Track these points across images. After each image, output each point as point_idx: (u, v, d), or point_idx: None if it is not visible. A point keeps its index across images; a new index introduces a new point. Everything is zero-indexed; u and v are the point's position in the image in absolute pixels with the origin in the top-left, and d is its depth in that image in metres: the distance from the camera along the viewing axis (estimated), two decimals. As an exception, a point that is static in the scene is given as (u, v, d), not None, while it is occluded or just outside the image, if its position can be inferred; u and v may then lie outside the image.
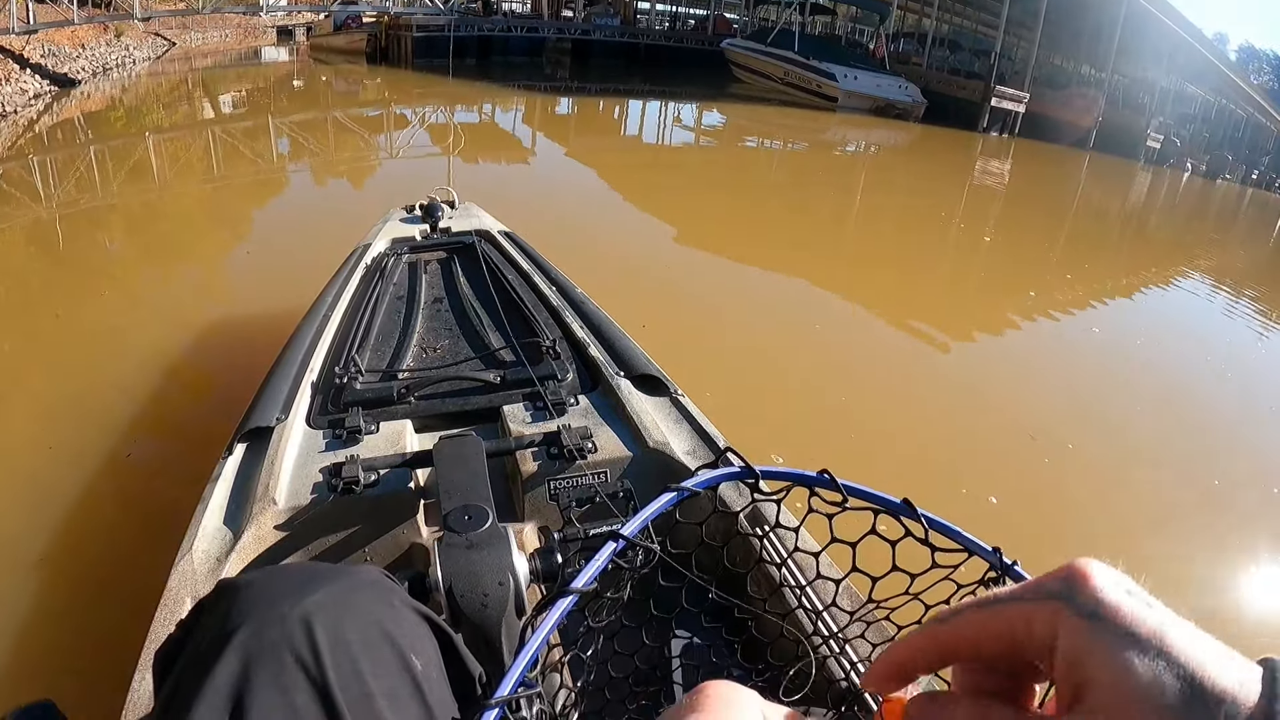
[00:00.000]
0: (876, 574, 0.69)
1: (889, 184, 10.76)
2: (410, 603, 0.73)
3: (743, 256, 5.71)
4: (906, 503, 0.63)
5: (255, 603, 0.66)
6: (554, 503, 1.43)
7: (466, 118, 13.26)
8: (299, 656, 0.62)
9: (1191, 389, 4.35)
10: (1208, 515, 2.95)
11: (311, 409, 1.61)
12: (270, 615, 0.65)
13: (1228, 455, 3.50)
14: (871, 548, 0.67)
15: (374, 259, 2.42)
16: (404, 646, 0.67)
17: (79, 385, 3.04)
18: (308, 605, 0.65)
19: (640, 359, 1.78)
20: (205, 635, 0.66)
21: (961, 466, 2.99)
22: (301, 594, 0.67)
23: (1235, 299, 6.89)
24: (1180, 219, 12.36)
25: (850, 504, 0.65)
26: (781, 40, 19.84)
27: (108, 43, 16.71)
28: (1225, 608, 2.49)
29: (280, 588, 0.68)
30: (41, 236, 5.30)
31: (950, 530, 0.63)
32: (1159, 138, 18.70)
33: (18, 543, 2.17)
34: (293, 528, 1.30)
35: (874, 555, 0.67)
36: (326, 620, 0.65)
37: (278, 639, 0.63)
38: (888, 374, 3.88)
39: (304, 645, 0.63)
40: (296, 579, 0.70)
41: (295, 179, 7.97)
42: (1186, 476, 3.25)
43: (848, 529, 0.67)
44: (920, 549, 0.64)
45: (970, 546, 0.63)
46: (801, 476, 0.66)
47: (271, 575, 0.73)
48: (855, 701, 0.88)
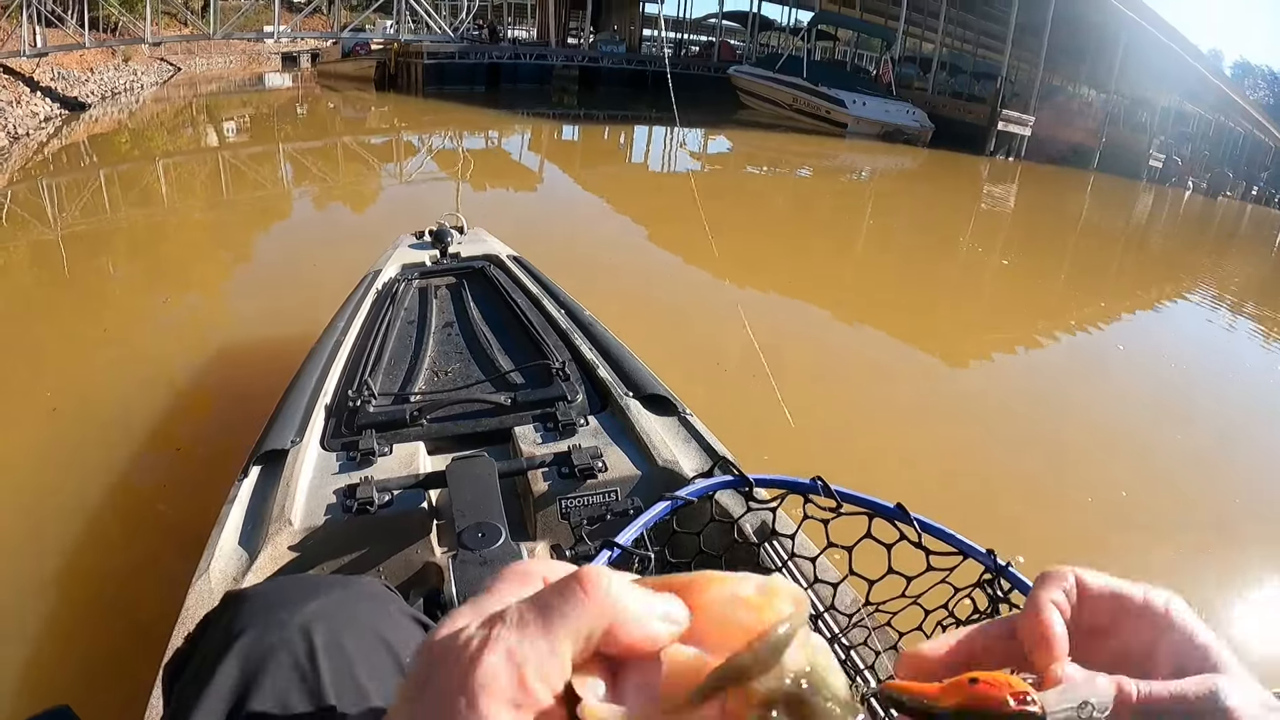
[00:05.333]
0: (873, 577, 0.70)
1: (902, 209, 10.80)
2: (409, 611, 0.76)
3: (752, 280, 5.73)
4: (899, 507, 0.65)
5: (257, 611, 0.69)
6: (565, 521, 1.45)
7: (475, 144, 13.38)
8: (296, 661, 0.65)
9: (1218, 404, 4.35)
10: (1227, 536, 2.94)
11: (325, 432, 1.63)
12: (271, 622, 0.68)
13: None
14: (870, 553, 0.69)
15: (385, 284, 2.46)
16: (400, 652, 0.69)
17: (98, 411, 3.07)
18: (306, 613, 0.68)
19: (648, 379, 1.81)
20: (210, 644, 0.69)
21: (988, 483, 3.00)
22: (301, 602, 0.70)
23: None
24: (1189, 237, 12.36)
25: (845, 509, 0.66)
26: (790, 66, 19.88)
27: (116, 67, 16.98)
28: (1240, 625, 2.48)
29: (281, 597, 0.71)
30: (50, 260, 5.37)
31: (944, 533, 0.65)
32: (1160, 157, 18.71)
33: (38, 565, 2.19)
34: (308, 548, 1.32)
35: (872, 560, 0.69)
36: (324, 627, 0.67)
37: (276, 644, 0.66)
38: (919, 399, 3.86)
39: (302, 650, 0.65)
40: (297, 589, 0.73)
41: (306, 205, 8.05)
42: (1204, 492, 3.24)
43: (845, 535, 0.69)
44: (917, 552, 0.66)
45: (964, 549, 0.65)
46: (795, 484, 0.68)
47: (274, 586, 0.76)
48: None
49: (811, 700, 0.24)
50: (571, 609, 0.26)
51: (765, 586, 0.26)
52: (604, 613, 0.26)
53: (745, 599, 0.26)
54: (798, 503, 0.72)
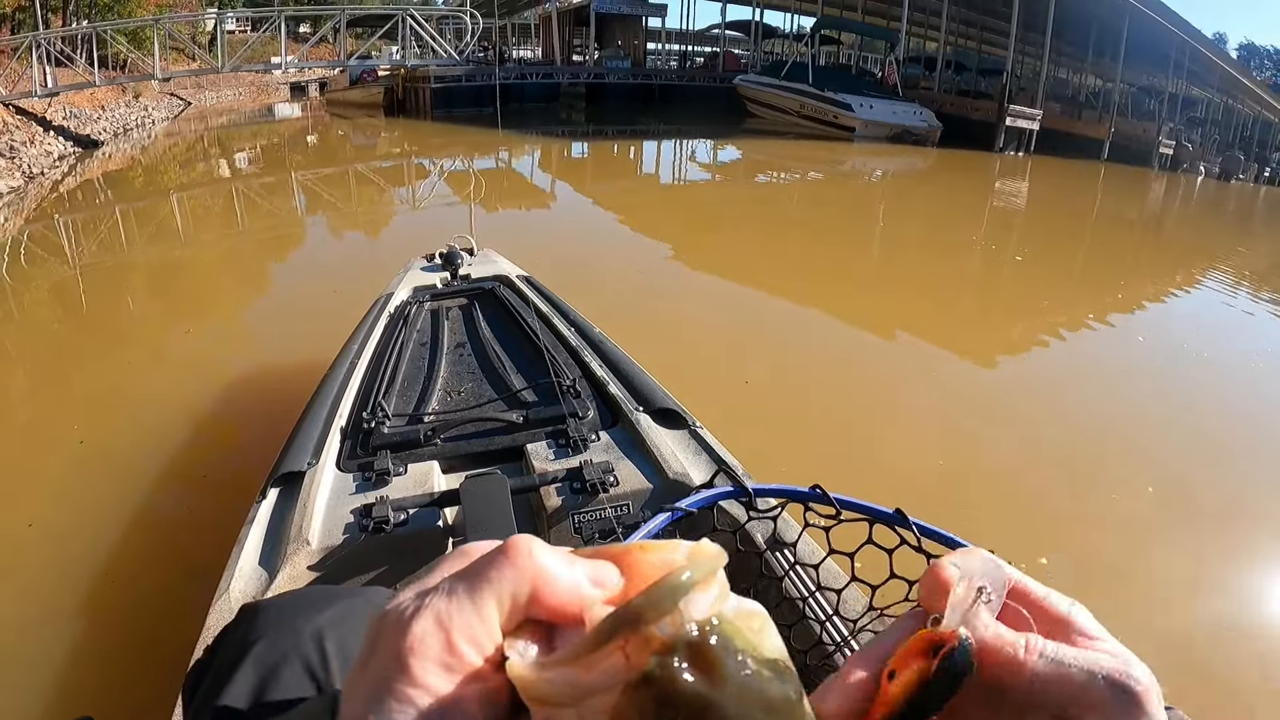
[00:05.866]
0: (876, 583, 0.71)
1: (916, 210, 10.76)
2: None
3: (764, 286, 5.74)
4: (899, 512, 0.66)
5: (271, 621, 0.72)
6: (578, 535, 1.46)
7: (486, 164, 13.47)
8: (309, 665, 0.67)
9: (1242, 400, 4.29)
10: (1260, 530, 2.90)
11: (341, 453, 1.66)
12: (284, 630, 0.70)
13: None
14: (872, 558, 0.70)
15: (397, 307, 2.49)
16: None
17: (124, 442, 3.11)
18: (320, 621, 0.71)
19: (658, 394, 1.82)
20: (227, 653, 0.71)
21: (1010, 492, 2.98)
22: (314, 611, 0.72)
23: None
24: (1205, 223, 12.21)
25: (845, 516, 0.67)
26: (795, 73, 19.86)
27: (127, 104, 17.28)
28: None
29: (295, 606, 0.74)
30: (70, 296, 5.45)
31: (943, 536, 0.66)
32: (1170, 143, 18.49)
33: (66, 590, 2.22)
34: (325, 567, 1.34)
35: (875, 565, 0.70)
36: (336, 634, 0.70)
37: (290, 650, 0.68)
38: (929, 399, 3.85)
39: (314, 655, 0.68)
40: (311, 598, 0.76)
41: (321, 232, 8.14)
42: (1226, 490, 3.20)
43: (848, 542, 0.70)
44: (920, 556, 0.67)
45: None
46: (795, 492, 0.69)
47: (287, 597, 0.79)
48: None
49: (716, 651, 0.24)
50: (495, 573, 0.27)
51: (693, 550, 0.27)
52: (526, 576, 0.27)
53: (672, 562, 0.27)
54: (800, 513, 0.73)
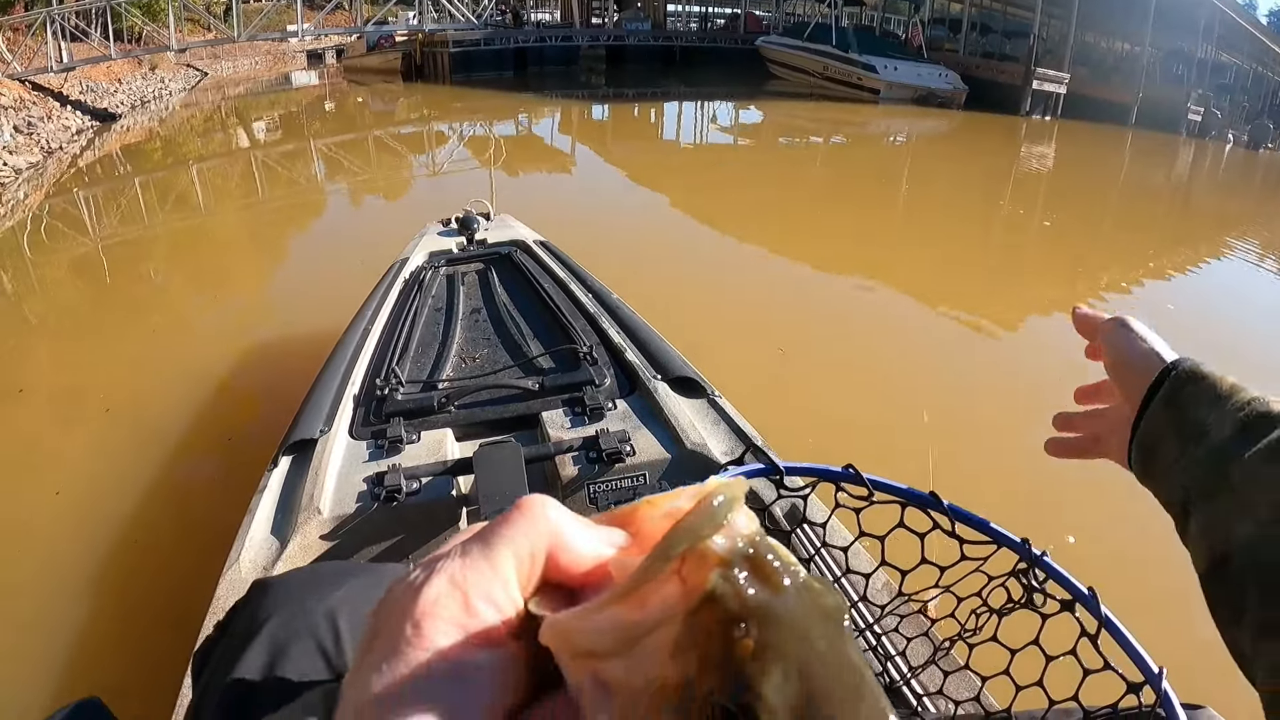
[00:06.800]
0: (906, 567, 0.68)
1: (943, 173, 10.58)
2: None
3: (787, 251, 5.67)
4: (933, 495, 0.63)
5: (283, 598, 0.70)
6: (593, 506, 1.43)
7: (505, 129, 13.38)
8: (321, 644, 0.65)
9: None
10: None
11: (354, 421, 1.63)
12: (297, 608, 0.68)
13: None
14: (901, 542, 0.66)
15: (412, 273, 2.46)
16: None
17: (149, 409, 3.13)
18: (332, 599, 0.69)
19: (677, 361, 1.78)
20: (238, 630, 0.69)
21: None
22: (327, 589, 0.70)
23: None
24: (1235, 190, 11.94)
25: (876, 498, 0.64)
26: (818, 34, 19.52)
27: (143, 76, 17.24)
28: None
29: (307, 584, 0.72)
30: (92, 269, 5.49)
31: (977, 521, 0.62)
32: (1199, 110, 18.02)
33: (82, 557, 2.24)
34: (338, 536, 1.32)
35: (904, 549, 0.66)
36: (349, 612, 0.68)
37: (302, 628, 0.66)
38: (960, 369, 3.80)
39: (327, 634, 0.66)
40: (324, 575, 0.74)
41: (341, 199, 8.12)
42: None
43: (878, 524, 0.67)
44: (950, 541, 0.63)
45: (998, 538, 0.62)
46: (826, 472, 0.66)
47: (301, 573, 0.77)
48: (893, 696, 0.86)
49: (770, 562, 0.22)
50: (511, 531, 0.26)
51: (705, 486, 0.25)
52: (542, 530, 0.26)
53: (680, 509, 0.25)
54: (831, 490, 0.70)
